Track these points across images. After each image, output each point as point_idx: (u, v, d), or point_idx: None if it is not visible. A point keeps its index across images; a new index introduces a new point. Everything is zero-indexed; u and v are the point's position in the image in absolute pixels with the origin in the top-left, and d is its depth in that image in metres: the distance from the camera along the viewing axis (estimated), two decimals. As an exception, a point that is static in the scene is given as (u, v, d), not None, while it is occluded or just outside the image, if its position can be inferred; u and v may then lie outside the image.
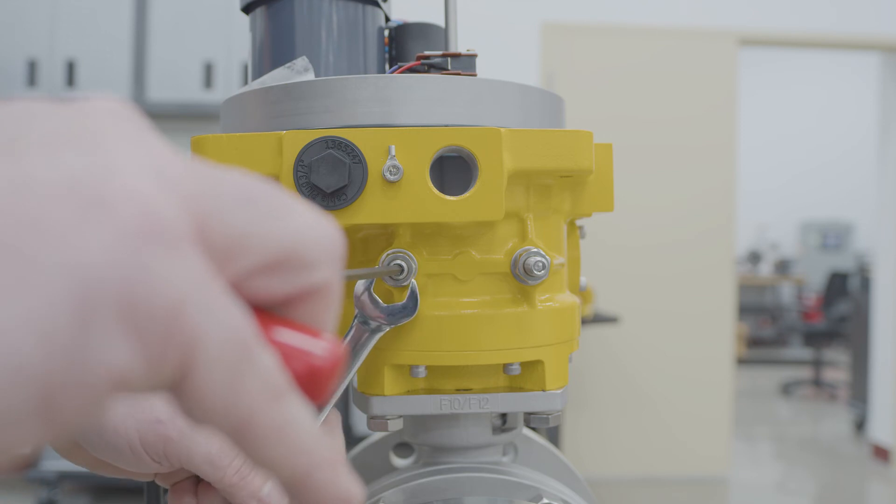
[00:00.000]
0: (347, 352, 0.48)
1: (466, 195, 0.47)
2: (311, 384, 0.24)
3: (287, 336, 0.24)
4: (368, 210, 0.47)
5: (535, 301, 0.51)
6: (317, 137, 0.46)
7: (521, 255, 0.50)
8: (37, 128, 0.20)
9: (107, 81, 3.73)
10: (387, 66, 0.62)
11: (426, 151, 0.47)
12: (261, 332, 0.23)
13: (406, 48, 0.62)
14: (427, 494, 0.54)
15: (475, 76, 0.54)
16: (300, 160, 0.46)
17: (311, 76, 0.56)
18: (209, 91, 3.75)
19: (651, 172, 4.29)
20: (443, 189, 0.48)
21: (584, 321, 3.16)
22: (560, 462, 0.67)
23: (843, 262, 9.20)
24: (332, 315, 0.26)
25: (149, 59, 3.77)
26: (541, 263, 0.49)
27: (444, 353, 0.50)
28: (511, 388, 0.53)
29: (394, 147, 0.46)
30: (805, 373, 7.93)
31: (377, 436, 0.68)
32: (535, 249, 0.50)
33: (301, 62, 0.56)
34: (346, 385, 0.47)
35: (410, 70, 0.55)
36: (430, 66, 0.55)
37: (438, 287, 0.51)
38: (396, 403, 0.52)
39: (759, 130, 9.36)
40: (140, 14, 3.77)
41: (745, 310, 8.65)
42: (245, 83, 0.59)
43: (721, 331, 4.43)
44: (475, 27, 3.56)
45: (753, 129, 8.94)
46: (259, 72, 0.59)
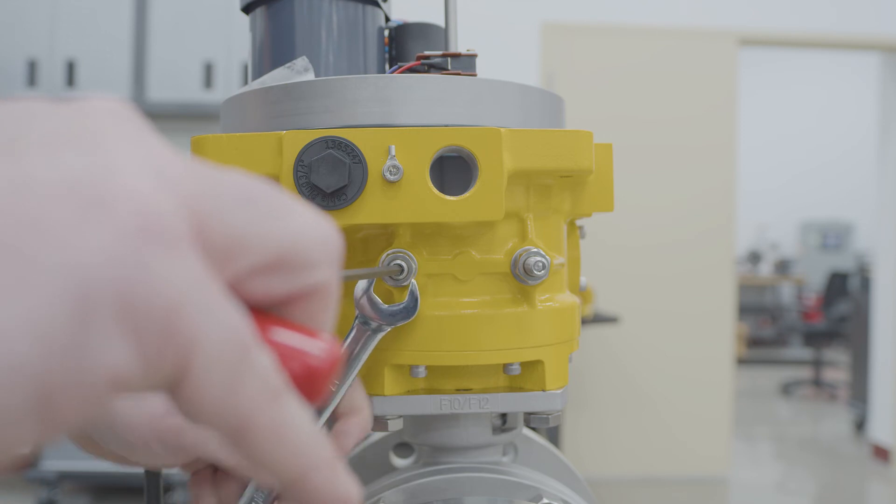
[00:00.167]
0: (348, 353, 0.48)
1: (466, 195, 0.47)
2: (309, 384, 0.24)
3: (285, 336, 0.24)
4: (368, 210, 0.47)
5: (535, 301, 0.51)
6: (317, 137, 0.46)
7: (521, 255, 0.50)
8: (37, 128, 0.20)
9: (107, 81, 3.73)
10: (387, 66, 0.62)
11: (426, 151, 0.47)
12: (259, 333, 0.23)
13: (406, 48, 0.62)
14: (427, 494, 0.54)
15: (475, 76, 0.54)
16: (300, 160, 0.46)
17: (311, 76, 0.56)
18: (209, 91, 3.75)
19: (651, 172, 4.29)
20: (443, 189, 0.48)
21: (584, 321, 3.16)
22: (560, 462, 0.67)
23: (843, 262, 9.20)
24: (331, 315, 0.26)
25: (149, 59, 3.77)
26: (541, 263, 0.49)
27: (444, 353, 0.50)
28: (511, 388, 0.53)
29: (394, 147, 0.46)
30: (805, 373, 7.93)
31: (377, 436, 0.68)
32: (535, 249, 0.50)
33: (301, 62, 0.56)
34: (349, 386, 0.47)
35: (410, 70, 0.55)
36: (430, 66, 0.55)
37: (438, 287, 0.51)
38: (396, 403, 0.52)
39: (759, 130, 9.36)
40: (140, 14, 3.77)
41: (745, 310, 8.65)
42: (245, 83, 0.59)
43: (721, 331, 4.43)
44: (475, 27, 3.56)
45: (753, 129, 8.94)
46: (259, 72, 0.59)
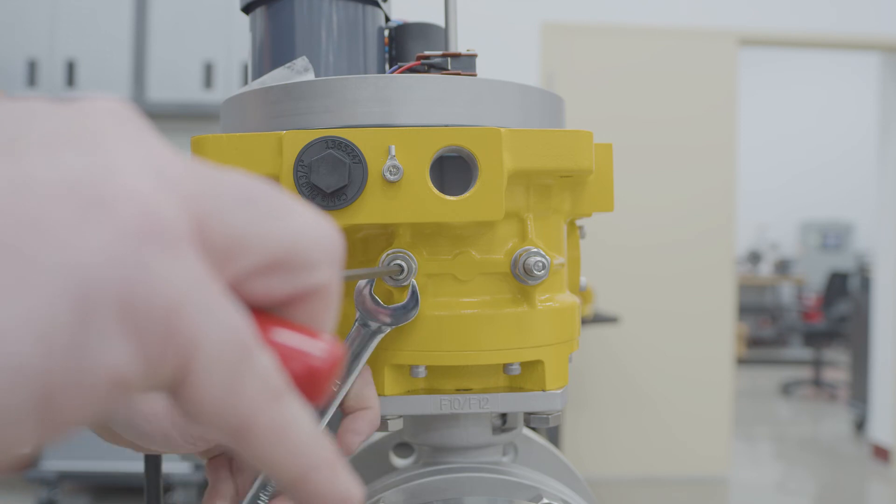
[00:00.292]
0: (350, 354, 0.48)
1: (466, 195, 0.47)
2: (310, 385, 0.24)
3: (285, 337, 0.24)
4: (368, 210, 0.47)
5: (535, 301, 0.51)
6: (317, 137, 0.46)
7: (521, 255, 0.50)
8: (37, 128, 0.20)
9: (107, 81, 3.73)
10: (387, 66, 0.62)
11: (426, 151, 0.47)
12: (259, 333, 0.23)
13: (406, 48, 0.62)
14: (427, 494, 0.54)
15: (475, 76, 0.54)
16: (300, 160, 0.46)
17: (311, 76, 0.56)
18: (209, 91, 3.75)
19: (651, 172, 4.29)
20: (443, 189, 0.48)
21: (584, 321, 3.16)
22: (560, 462, 0.67)
23: (843, 262, 9.20)
24: (331, 316, 0.26)
25: (149, 59, 3.77)
26: (541, 263, 0.49)
27: (444, 353, 0.50)
28: (511, 388, 0.53)
29: (394, 147, 0.46)
30: (805, 373, 7.93)
31: (377, 436, 0.68)
32: (535, 249, 0.50)
33: (301, 62, 0.56)
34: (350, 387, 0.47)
35: (410, 70, 0.55)
36: (430, 66, 0.55)
37: (438, 287, 0.51)
38: (396, 403, 0.52)
39: (759, 130, 9.36)
40: (140, 14, 3.77)
41: (745, 310, 8.65)
42: (245, 83, 0.59)
43: (721, 331, 4.43)
44: (475, 27, 3.56)
45: (753, 129, 8.94)
46: (259, 72, 0.59)
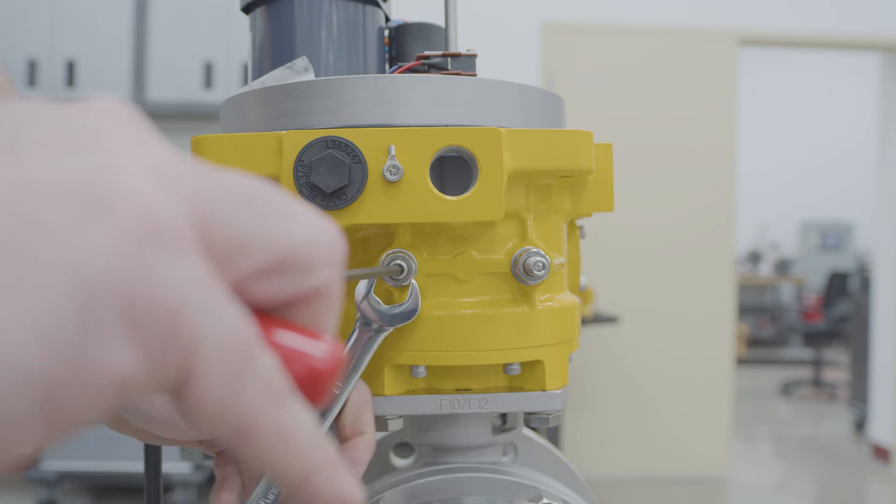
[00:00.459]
0: (351, 355, 0.48)
1: (466, 195, 0.47)
2: (312, 386, 0.24)
3: (287, 338, 0.24)
4: (368, 210, 0.47)
5: (535, 301, 0.51)
6: (317, 137, 0.46)
7: (521, 255, 0.50)
8: (37, 128, 0.20)
9: (107, 81, 3.73)
10: (387, 66, 0.62)
11: (426, 151, 0.47)
12: (261, 335, 0.23)
13: (406, 48, 0.62)
14: (427, 494, 0.54)
15: (475, 76, 0.54)
16: (300, 160, 0.46)
17: (311, 76, 0.56)
18: (209, 91, 3.75)
19: (651, 172, 4.29)
20: (443, 189, 0.48)
21: (584, 321, 3.16)
22: (560, 462, 0.67)
23: (843, 262, 9.20)
24: (333, 317, 0.26)
25: (149, 59, 3.77)
26: (541, 263, 0.49)
27: (444, 353, 0.50)
28: (511, 388, 0.53)
29: (394, 147, 0.46)
30: (805, 373, 7.93)
31: (377, 436, 0.68)
32: (535, 249, 0.50)
33: (301, 62, 0.56)
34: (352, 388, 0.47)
35: (410, 70, 0.55)
36: (430, 66, 0.55)
37: (438, 287, 0.51)
38: (396, 403, 0.52)
39: (759, 130, 9.36)
40: (140, 14, 3.77)
41: (745, 310, 8.65)
42: (245, 83, 0.59)
43: (721, 331, 4.43)
44: (475, 27, 3.56)
45: (753, 129, 8.94)
46: (259, 72, 0.59)
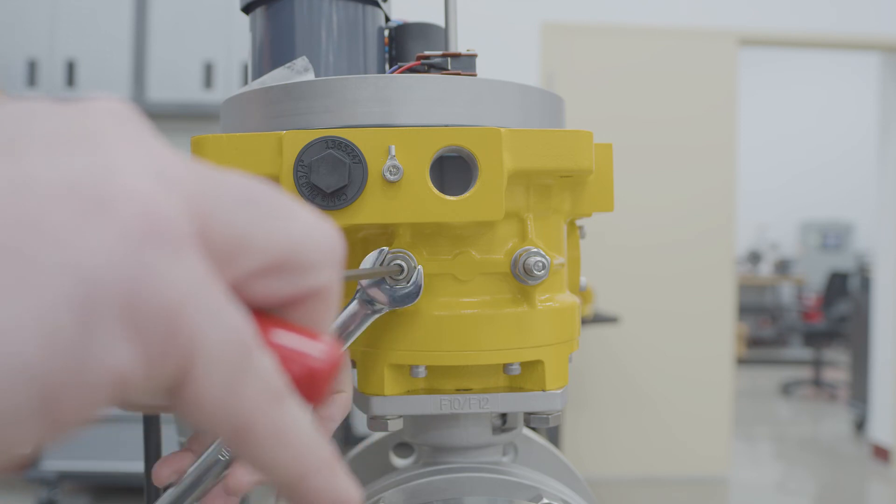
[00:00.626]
0: (342, 328, 0.47)
1: (466, 195, 0.47)
2: (309, 386, 0.24)
3: (286, 338, 0.24)
4: (368, 210, 0.47)
5: (535, 301, 0.51)
6: (317, 137, 0.46)
7: (521, 255, 0.50)
8: (37, 128, 0.20)
9: (107, 81, 3.73)
10: (387, 66, 0.62)
11: (426, 151, 0.47)
12: (259, 334, 0.23)
13: (406, 48, 0.62)
14: (427, 494, 0.54)
15: (475, 76, 0.54)
16: (300, 160, 0.46)
17: (311, 76, 0.56)
18: (209, 91, 3.75)
19: (651, 172, 4.29)
20: (443, 189, 0.48)
21: (584, 321, 3.15)
22: (560, 462, 0.67)
23: (843, 262, 9.19)
24: (332, 317, 0.26)
25: (149, 59, 3.77)
26: (541, 263, 0.49)
27: (444, 353, 0.50)
28: (511, 388, 0.53)
29: (394, 147, 0.46)
30: (805, 373, 7.93)
31: (377, 436, 0.68)
32: (535, 249, 0.50)
33: (301, 62, 0.56)
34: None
35: (410, 70, 0.55)
36: (430, 66, 0.55)
37: (438, 287, 0.51)
38: (396, 403, 0.52)
39: (759, 130, 9.36)
40: (140, 14, 3.77)
41: (745, 310, 8.65)
42: (245, 83, 0.59)
43: (721, 331, 4.43)
44: (475, 27, 3.56)
45: (753, 129, 8.94)
46: (259, 72, 0.59)
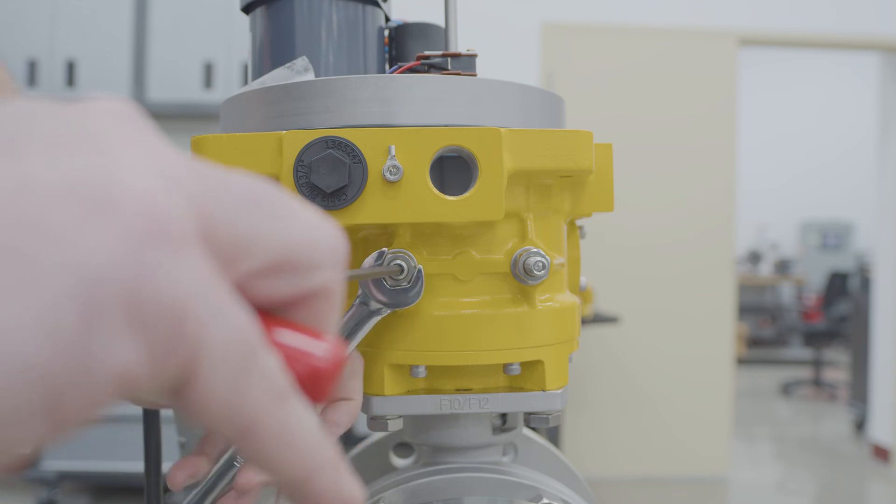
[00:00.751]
0: (345, 327, 0.47)
1: (466, 195, 0.47)
2: (314, 386, 0.24)
3: (289, 338, 0.24)
4: (368, 210, 0.47)
5: (535, 301, 0.51)
6: (317, 137, 0.46)
7: (521, 255, 0.50)
8: (37, 128, 0.20)
9: (107, 81, 3.73)
10: (387, 66, 0.62)
11: (426, 151, 0.47)
12: (264, 334, 0.23)
13: (406, 48, 0.62)
14: (427, 494, 0.54)
15: (475, 76, 0.54)
16: (300, 160, 0.46)
17: (311, 76, 0.56)
18: (209, 91, 3.75)
19: (651, 172, 4.29)
20: (443, 189, 0.48)
21: (584, 321, 3.15)
22: (560, 462, 0.67)
23: (843, 262, 9.19)
24: (335, 317, 0.26)
25: (149, 59, 3.77)
26: (541, 263, 0.49)
27: (444, 353, 0.50)
28: (511, 388, 0.53)
29: (394, 147, 0.46)
30: (805, 373, 7.93)
31: (377, 436, 0.68)
32: (535, 249, 0.50)
33: (301, 62, 0.56)
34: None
35: (410, 70, 0.55)
36: (430, 66, 0.55)
37: (438, 287, 0.51)
38: (396, 403, 0.52)
39: (759, 130, 9.36)
40: (140, 14, 3.77)
41: (745, 310, 8.65)
42: (245, 83, 0.59)
43: (721, 331, 4.43)
44: (475, 27, 3.56)
45: (753, 129, 8.94)
46: (259, 72, 0.59)
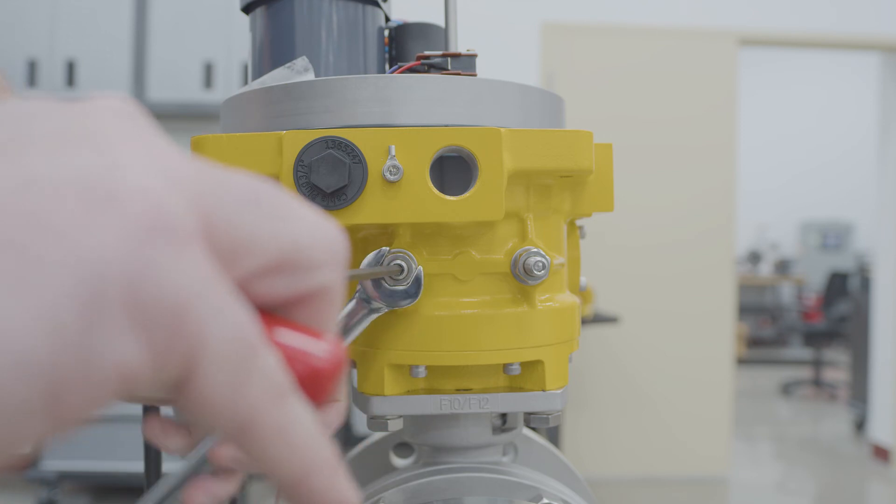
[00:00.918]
0: (342, 323, 0.47)
1: (466, 195, 0.47)
2: (313, 385, 0.24)
3: (289, 337, 0.24)
4: (368, 210, 0.47)
5: (535, 301, 0.51)
6: (317, 137, 0.46)
7: (521, 255, 0.50)
8: (38, 127, 0.20)
9: (107, 81, 3.72)
10: (387, 66, 0.62)
11: (426, 151, 0.47)
12: (264, 333, 0.23)
13: (406, 48, 0.62)
14: (427, 494, 0.54)
15: (475, 76, 0.54)
16: (300, 160, 0.46)
17: (311, 76, 0.56)
18: (209, 91, 3.75)
19: (651, 172, 4.29)
20: (443, 189, 0.48)
21: (584, 321, 3.15)
22: (560, 462, 0.67)
23: (843, 262, 9.19)
24: (335, 317, 0.26)
25: (149, 59, 3.77)
26: (541, 263, 0.49)
27: (444, 353, 0.50)
28: (511, 388, 0.53)
29: (394, 147, 0.46)
30: (805, 373, 7.93)
31: (377, 436, 0.68)
32: (535, 249, 0.50)
33: (301, 62, 0.56)
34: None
35: (410, 70, 0.55)
36: (430, 66, 0.55)
37: (438, 287, 0.51)
38: (396, 403, 0.52)
39: (759, 130, 9.36)
40: (140, 14, 3.77)
41: (745, 310, 8.65)
42: (245, 83, 0.59)
43: (721, 331, 4.43)
44: (475, 27, 3.56)
45: (753, 129, 8.94)
46: (259, 72, 0.59)
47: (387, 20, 0.63)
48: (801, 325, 7.92)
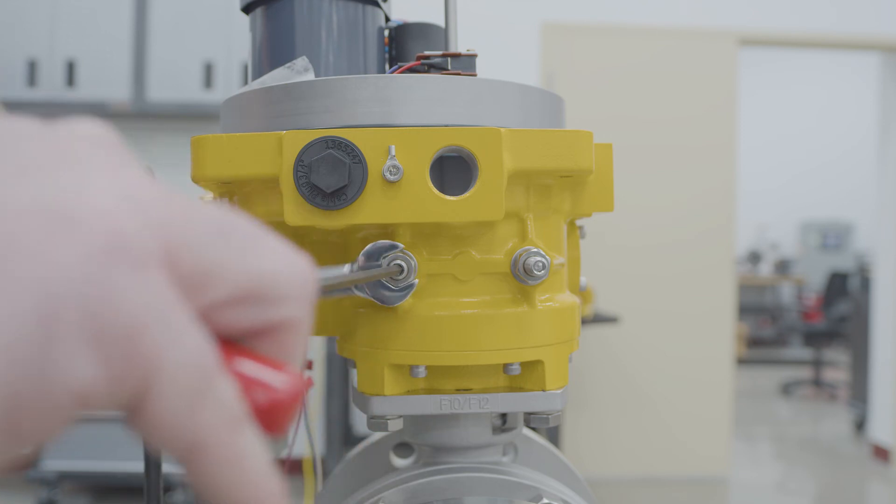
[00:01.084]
0: (331, 282, 0.46)
1: (466, 195, 0.47)
2: (270, 417, 0.24)
3: (249, 367, 0.24)
4: (368, 210, 0.47)
5: (535, 301, 0.51)
6: (317, 137, 0.46)
7: (521, 255, 0.50)
8: (10, 148, 0.20)
9: (107, 81, 3.73)
10: (387, 66, 0.62)
11: (426, 151, 0.47)
12: (224, 362, 0.23)
13: (406, 48, 0.62)
14: (427, 494, 0.54)
15: (475, 76, 0.54)
16: (300, 160, 0.46)
17: (311, 76, 0.56)
18: (209, 91, 3.75)
19: (651, 172, 4.29)
20: (443, 189, 0.48)
21: (584, 321, 3.15)
22: (560, 462, 0.67)
23: (843, 262, 9.19)
24: (300, 349, 0.26)
25: (149, 59, 3.77)
26: (541, 263, 0.49)
27: (444, 353, 0.50)
28: (511, 388, 0.53)
29: (394, 147, 0.46)
30: (805, 373, 7.93)
31: (377, 436, 0.68)
32: (535, 249, 0.50)
33: (301, 62, 0.56)
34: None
35: (410, 70, 0.55)
36: (430, 66, 0.55)
37: (438, 287, 0.51)
38: (396, 403, 0.52)
39: (759, 130, 9.36)
40: (140, 14, 3.77)
41: (745, 310, 8.65)
42: (245, 83, 0.59)
43: (721, 331, 4.43)
44: (475, 27, 3.56)
45: (753, 129, 8.94)
46: (259, 72, 0.59)
47: (387, 20, 0.63)
48: (801, 325, 7.92)
